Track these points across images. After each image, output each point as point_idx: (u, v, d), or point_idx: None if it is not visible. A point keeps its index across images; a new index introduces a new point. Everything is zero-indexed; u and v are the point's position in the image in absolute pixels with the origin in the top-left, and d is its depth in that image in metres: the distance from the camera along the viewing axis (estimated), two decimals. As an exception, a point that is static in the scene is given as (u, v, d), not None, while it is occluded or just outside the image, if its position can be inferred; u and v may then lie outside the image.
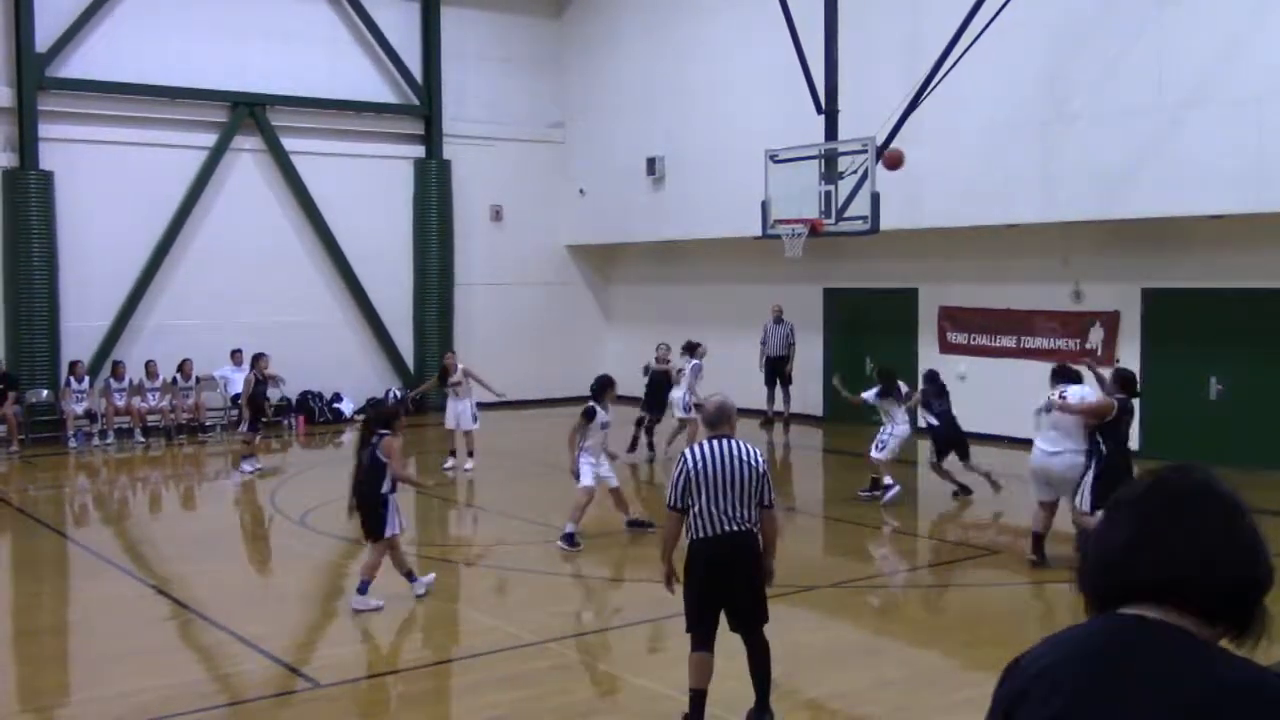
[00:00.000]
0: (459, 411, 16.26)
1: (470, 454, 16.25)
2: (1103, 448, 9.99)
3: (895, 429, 13.87)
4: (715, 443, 6.60)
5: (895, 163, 14.87)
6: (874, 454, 13.95)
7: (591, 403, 11.77)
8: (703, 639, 6.53)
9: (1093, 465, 9.96)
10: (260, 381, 16.63)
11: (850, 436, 16.44)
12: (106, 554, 11.78)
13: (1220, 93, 14.24)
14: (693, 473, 6.48)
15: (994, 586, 10.15)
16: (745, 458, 6.54)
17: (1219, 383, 15.69)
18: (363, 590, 9.32)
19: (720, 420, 6.76)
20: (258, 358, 16.82)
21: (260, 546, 12.11)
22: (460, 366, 16.45)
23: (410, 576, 9.67)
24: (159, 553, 12.32)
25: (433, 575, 10.03)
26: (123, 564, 11.51)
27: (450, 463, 16.28)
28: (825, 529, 13.17)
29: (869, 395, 14.19)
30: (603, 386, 11.87)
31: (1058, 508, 10.62)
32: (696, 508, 6.47)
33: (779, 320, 18.71)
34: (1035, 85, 16.13)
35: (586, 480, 11.55)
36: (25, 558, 12.07)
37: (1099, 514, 9.56)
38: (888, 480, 13.88)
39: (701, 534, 6.48)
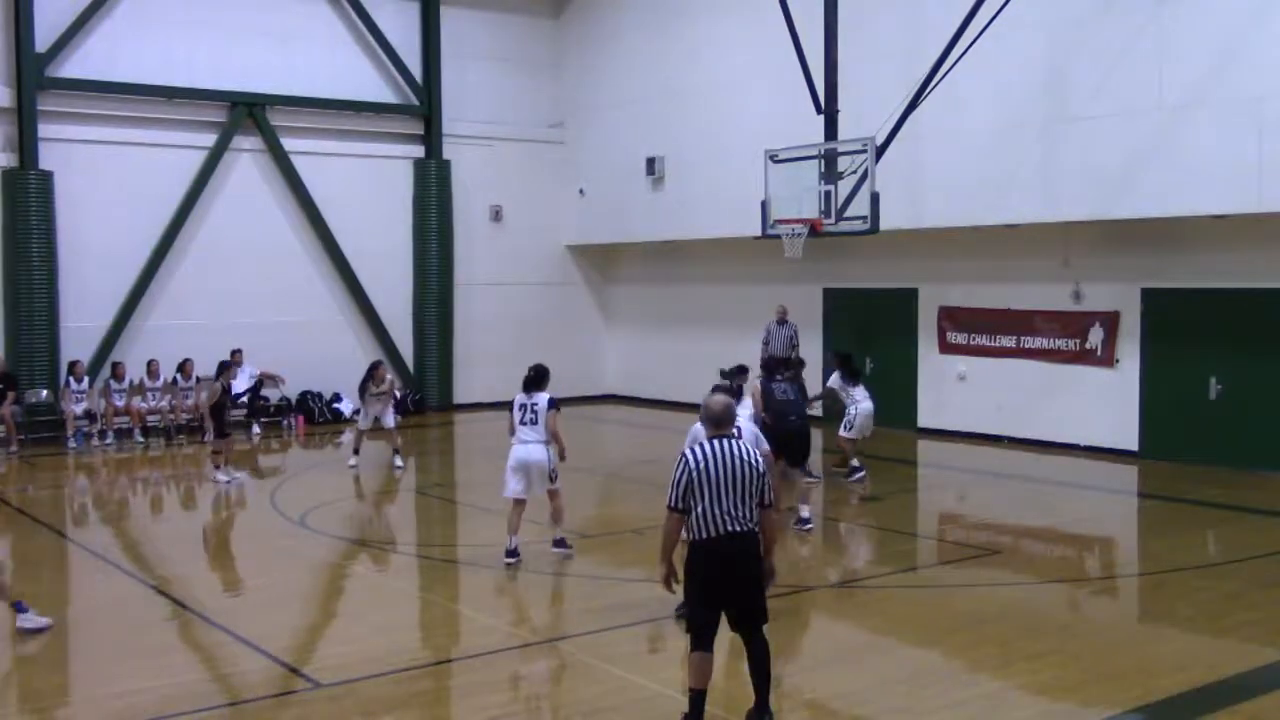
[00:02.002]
0: (379, 413, 16.58)
1: (397, 451, 16.51)
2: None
3: (859, 407, 15.02)
4: (716, 443, 6.58)
5: None
6: (842, 433, 15.08)
7: (549, 394, 11.26)
8: (703, 639, 6.52)
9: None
10: (228, 390, 16.01)
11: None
12: (106, 554, 11.78)
13: (1220, 93, 14.25)
14: (695, 473, 6.47)
15: (994, 586, 10.15)
16: (745, 457, 6.54)
17: (1219, 383, 15.68)
18: (21, 609, 8.74)
19: (726, 420, 6.76)
20: (224, 366, 16.13)
21: (260, 546, 12.10)
22: (388, 378, 16.97)
23: (17, 607, 8.78)
24: (159, 553, 12.31)
25: (48, 621, 8.86)
26: (123, 564, 11.50)
27: (355, 460, 16.46)
28: (825, 529, 13.16)
29: (833, 382, 15.44)
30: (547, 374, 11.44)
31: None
32: (699, 509, 6.45)
33: (783, 321, 18.68)
34: (1035, 85, 16.13)
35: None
36: (25, 558, 12.05)
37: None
38: (854, 463, 14.85)
39: (704, 535, 6.47)
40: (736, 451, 6.54)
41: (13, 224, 19.19)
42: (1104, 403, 16.85)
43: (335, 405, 21.92)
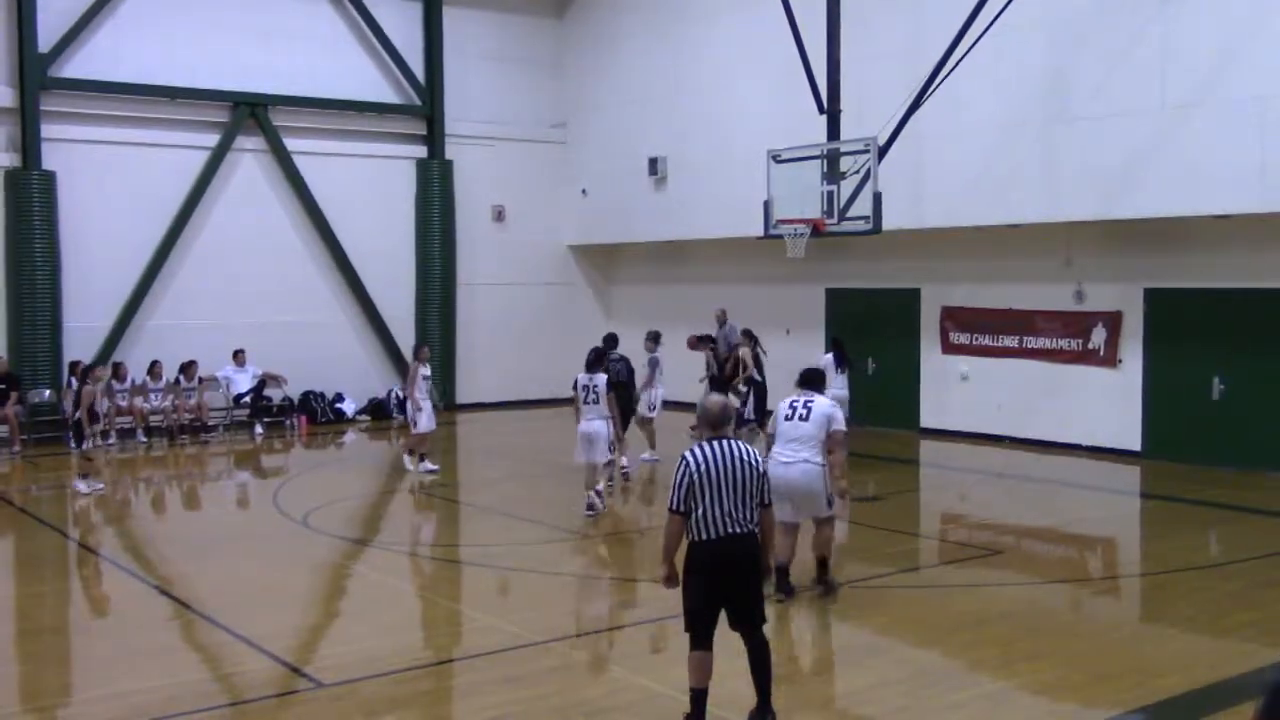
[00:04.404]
0: (430, 411, 15.91)
1: (413, 453, 16.09)
2: None
3: (829, 394, 15.56)
4: (716, 444, 6.58)
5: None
6: None
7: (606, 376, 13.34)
8: (703, 638, 6.52)
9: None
10: (101, 395, 14.94)
11: (854, 438, 16.42)
12: (107, 554, 11.79)
13: (1222, 92, 14.24)
14: (696, 475, 6.45)
15: (996, 586, 10.15)
16: (745, 458, 6.54)
17: (1222, 383, 15.67)
18: None
19: (724, 421, 6.75)
20: (89, 369, 15.33)
21: (262, 546, 12.11)
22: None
23: None
24: (160, 553, 12.32)
25: None
26: (124, 564, 11.51)
27: (431, 465, 15.97)
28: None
29: (824, 365, 15.52)
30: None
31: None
32: (701, 510, 6.45)
33: (723, 323, 18.64)
34: (1037, 85, 16.12)
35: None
36: (26, 558, 12.08)
37: None
38: None
39: (705, 536, 6.47)
40: (737, 452, 6.53)
41: (15, 224, 19.21)
42: (1106, 403, 16.84)
43: (338, 405, 21.93)
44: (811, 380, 9.82)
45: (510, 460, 17.39)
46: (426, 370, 16.02)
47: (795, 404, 9.39)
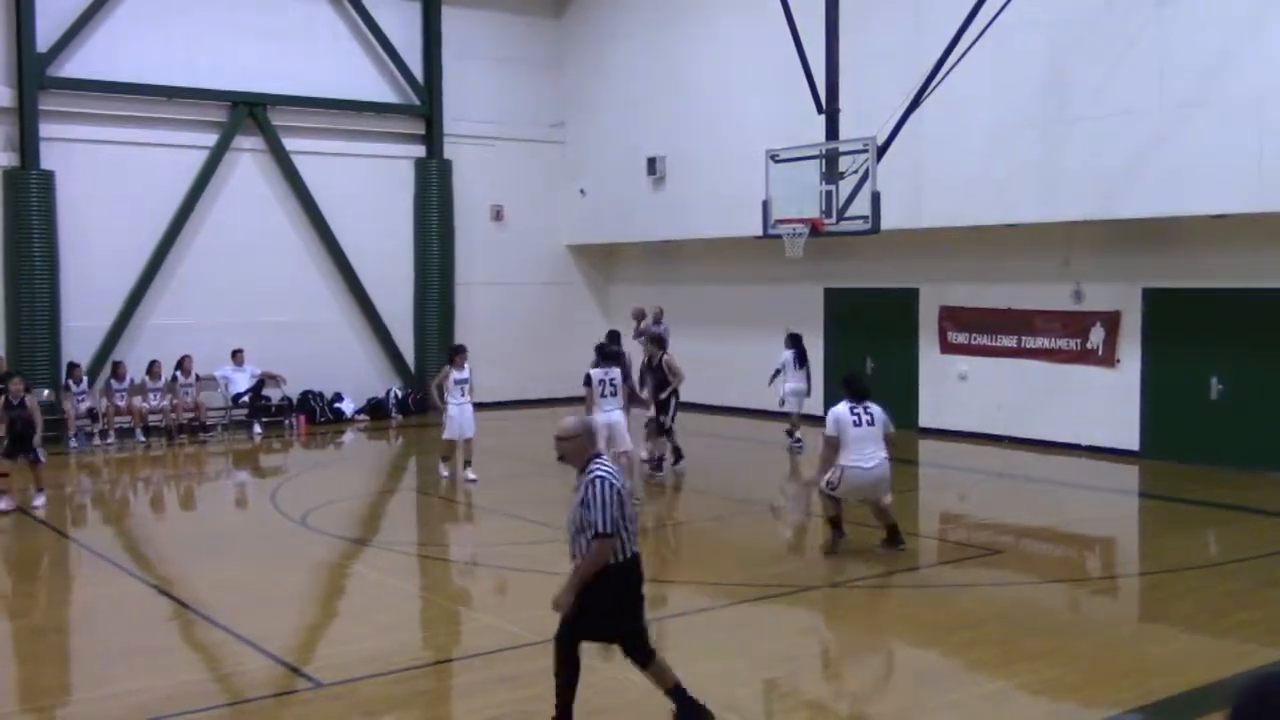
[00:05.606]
0: (468, 416, 15.28)
1: (468, 463, 15.47)
2: None
3: (785, 386, 17.51)
4: (608, 460, 6.61)
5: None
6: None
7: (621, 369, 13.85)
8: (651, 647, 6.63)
9: None
10: (13, 406, 13.75)
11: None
12: (107, 554, 11.78)
13: (1220, 93, 14.25)
14: (624, 492, 6.45)
15: (995, 586, 10.15)
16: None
17: (1220, 383, 15.68)
18: None
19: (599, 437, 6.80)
20: (7, 378, 14.12)
21: (261, 546, 12.11)
22: (467, 366, 15.57)
23: None
24: (160, 552, 12.32)
25: None
26: (123, 564, 11.51)
27: (449, 471, 15.51)
28: (824, 529, 13.16)
29: (781, 361, 17.56)
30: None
31: None
32: (626, 528, 6.41)
33: (658, 321, 18.53)
34: (1036, 85, 16.13)
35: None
36: (25, 558, 12.07)
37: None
38: (795, 434, 17.52)
39: (631, 552, 6.46)
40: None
41: (14, 224, 19.21)
42: (1105, 403, 16.85)
43: (336, 405, 21.93)
44: (859, 390, 10.93)
45: (509, 460, 17.37)
46: (459, 374, 15.33)
47: (858, 412, 10.76)
